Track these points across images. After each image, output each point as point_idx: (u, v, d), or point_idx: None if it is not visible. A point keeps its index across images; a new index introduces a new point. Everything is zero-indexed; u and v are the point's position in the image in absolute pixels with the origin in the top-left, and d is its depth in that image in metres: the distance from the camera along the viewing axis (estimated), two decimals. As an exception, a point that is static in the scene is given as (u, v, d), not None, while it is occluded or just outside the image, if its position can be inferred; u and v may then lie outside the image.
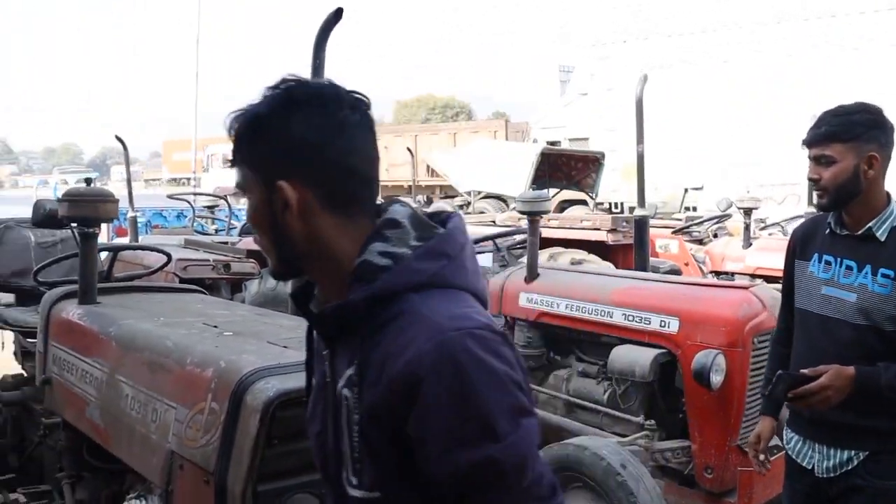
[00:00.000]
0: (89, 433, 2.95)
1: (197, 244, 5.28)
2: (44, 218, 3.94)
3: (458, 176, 16.20)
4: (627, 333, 4.78)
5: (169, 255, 4.06)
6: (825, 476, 2.83)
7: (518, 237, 6.08)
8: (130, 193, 9.48)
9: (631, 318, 4.72)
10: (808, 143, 2.80)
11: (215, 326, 2.69)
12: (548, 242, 7.80)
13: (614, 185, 20.40)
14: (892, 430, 2.74)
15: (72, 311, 3.14)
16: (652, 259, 6.76)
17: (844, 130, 2.71)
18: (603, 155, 13.48)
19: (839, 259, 2.80)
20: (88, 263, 3.17)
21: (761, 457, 3.08)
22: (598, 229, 7.79)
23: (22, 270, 4.79)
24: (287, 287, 5.60)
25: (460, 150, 20.08)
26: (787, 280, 3.04)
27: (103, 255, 3.98)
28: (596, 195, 14.17)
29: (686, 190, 15.39)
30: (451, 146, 27.20)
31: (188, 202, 10.92)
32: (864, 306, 2.71)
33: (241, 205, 29.85)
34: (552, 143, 23.82)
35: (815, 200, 2.86)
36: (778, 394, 2.74)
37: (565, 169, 14.02)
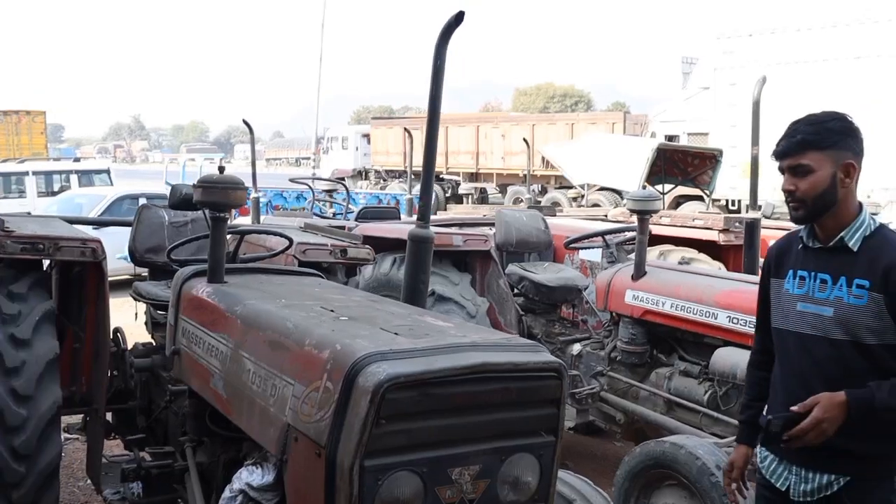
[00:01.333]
0: (213, 402, 3.18)
1: (315, 228, 5.51)
2: (179, 201, 4.21)
3: (572, 168, 16.20)
4: (731, 336, 4.81)
5: (291, 240, 4.28)
6: (801, 500, 2.72)
7: (628, 234, 6.14)
8: (254, 175, 9.88)
9: (735, 320, 4.75)
10: (782, 153, 2.70)
11: (332, 311, 2.88)
12: (658, 239, 7.81)
13: (733, 181, 19.96)
14: (879, 454, 2.62)
15: (201, 288, 3.38)
16: (763, 261, 6.71)
17: (820, 138, 2.62)
18: (721, 152, 13.26)
19: (813, 273, 2.70)
20: (218, 245, 3.40)
21: (733, 486, 2.97)
22: (710, 229, 7.74)
23: (156, 247, 5.12)
24: (400, 272, 5.81)
25: (576, 143, 20.00)
26: (763, 300, 2.94)
27: (229, 236, 4.23)
28: (712, 192, 13.95)
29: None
30: (568, 137, 27.11)
31: (308, 185, 11.28)
32: (841, 319, 2.61)
33: (358, 188, 30.35)
34: (671, 138, 23.47)
35: (790, 213, 2.74)
36: (773, 438, 2.64)
37: (682, 165, 13.85)
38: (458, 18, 3.41)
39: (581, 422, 5.76)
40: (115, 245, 7.32)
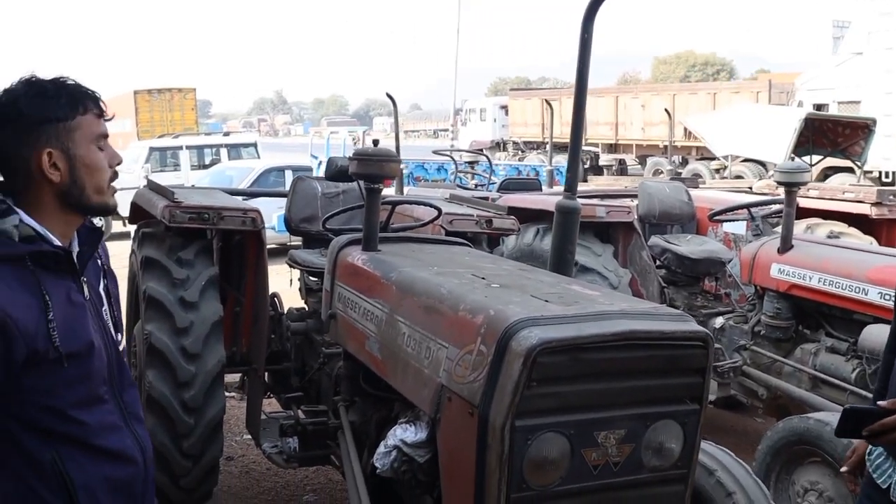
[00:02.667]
0: (367, 363, 3.35)
1: (461, 199, 5.65)
2: (336, 173, 4.42)
3: (715, 139, 15.82)
4: (882, 312, 4.68)
5: (440, 210, 4.42)
6: None
7: (774, 207, 6.03)
8: (398, 147, 10.08)
9: (888, 297, 4.62)
10: None
11: (483, 278, 2.99)
12: (806, 213, 7.62)
13: (886, 152, 19.08)
14: None
15: (357, 256, 3.55)
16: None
17: None
18: (874, 121, 12.67)
19: None
20: (373, 215, 3.56)
21: (845, 469, 2.86)
22: (862, 202, 7.48)
23: (310, 217, 5.37)
24: (543, 243, 5.90)
25: (719, 113, 19.51)
26: None
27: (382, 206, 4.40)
28: (864, 164, 13.38)
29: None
30: (710, 107, 26.45)
31: (451, 157, 11.45)
32: None
33: (499, 160, 30.53)
34: (819, 107, 22.57)
35: None
36: (848, 433, 2.44)
37: (831, 135, 13.32)
38: (605, -7, 3.45)
39: (722, 395, 5.73)
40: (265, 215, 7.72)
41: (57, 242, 2.07)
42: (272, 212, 10.31)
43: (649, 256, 6.06)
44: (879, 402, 2.46)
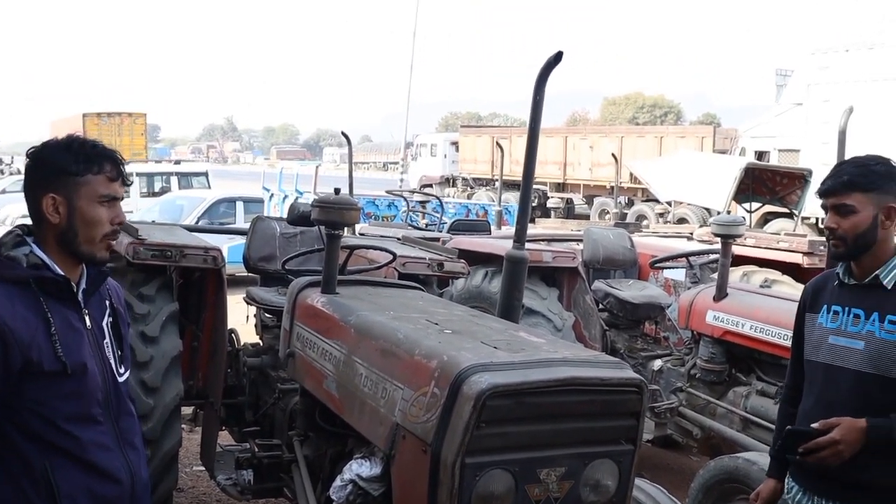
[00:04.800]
0: (324, 401, 3.52)
1: (413, 242, 5.87)
2: (297, 218, 4.60)
3: (659, 185, 16.30)
4: (810, 359, 4.97)
5: (394, 255, 4.63)
6: None
7: (712, 256, 6.34)
8: (351, 184, 10.31)
9: (813, 345, 4.92)
10: (827, 191, 2.81)
11: (437, 324, 3.20)
12: (743, 260, 7.97)
13: (824, 200, 19.70)
14: (893, 487, 2.69)
15: (316, 298, 3.74)
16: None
17: (866, 181, 2.73)
18: (810, 172, 13.19)
19: (847, 308, 2.80)
20: (332, 259, 3.75)
21: None
22: (795, 251, 7.87)
23: (268, 256, 5.54)
24: (491, 285, 6.13)
25: (663, 160, 20.08)
26: (797, 336, 3.06)
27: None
28: (800, 212, 13.91)
29: None
30: (657, 150, 27.12)
31: (404, 197, 11.71)
32: (872, 353, 2.71)
33: (449, 196, 30.67)
34: (761, 153, 23.26)
35: (829, 250, 2.89)
36: (787, 450, 2.75)
37: (770, 184, 13.83)
38: (557, 58, 3.68)
39: (659, 435, 5.98)
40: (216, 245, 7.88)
41: (59, 271, 2.37)
42: (223, 242, 10.42)
43: (592, 300, 6.31)
44: (813, 424, 2.74)
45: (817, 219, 21.10)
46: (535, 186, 30.80)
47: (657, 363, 6.19)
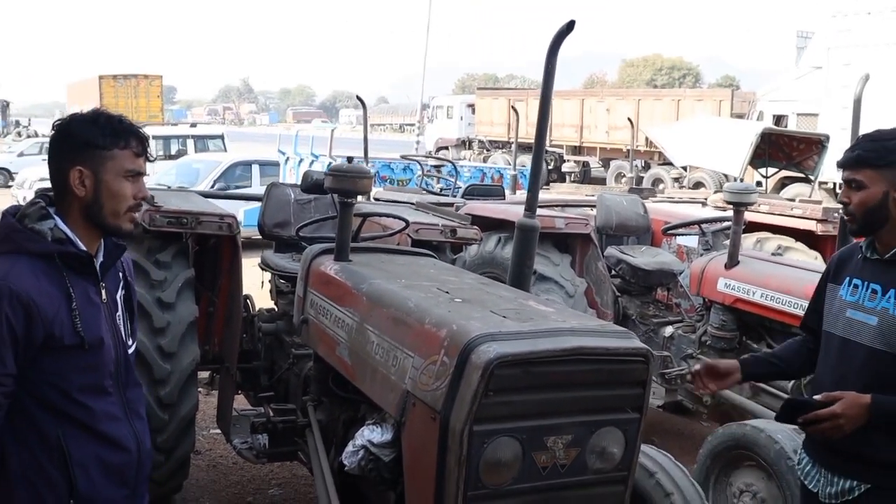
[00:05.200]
0: (337, 367, 3.58)
1: (426, 207, 5.90)
2: (311, 185, 4.64)
3: (675, 150, 16.20)
4: (819, 327, 5.00)
5: (407, 222, 4.67)
6: (828, 502, 2.83)
7: (724, 223, 6.34)
8: (366, 149, 10.33)
9: (823, 313, 4.95)
10: (841, 165, 2.80)
11: (447, 292, 3.24)
12: (757, 227, 7.97)
13: (842, 163, 19.55)
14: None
15: (329, 265, 3.79)
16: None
17: (877, 156, 2.70)
18: (827, 137, 13.09)
19: (866, 283, 2.79)
20: (345, 227, 3.80)
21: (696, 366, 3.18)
22: (809, 218, 7.85)
23: (282, 222, 5.59)
24: (504, 251, 6.16)
25: (679, 124, 19.96)
26: (815, 301, 3.07)
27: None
28: (816, 177, 13.82)
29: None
30: (674, 113, 26.93)
31: (419, 162, 11.74)
32: (884, 330, 2.69)
33: (462, 158, 30.64)
34: (779, 117, 23.07)
35: (846, 224, 2.87)
36: (786, 420, 2.78)
37: (786, 149, 13.73)
38: (570, 27, 3.68)
39: (670, 401, 6.03)
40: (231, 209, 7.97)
41: (82, 247, 2.43)
42: (239, 206, 10.48)
43: (605, 266, 6.34)
44: (816, 396, 2.76)
45: (835, 184, 20.96)
46: (551, 149, 30.84)
47: (668, 329, 6.23)
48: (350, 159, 3.88)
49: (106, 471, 2.46)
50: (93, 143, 2.40)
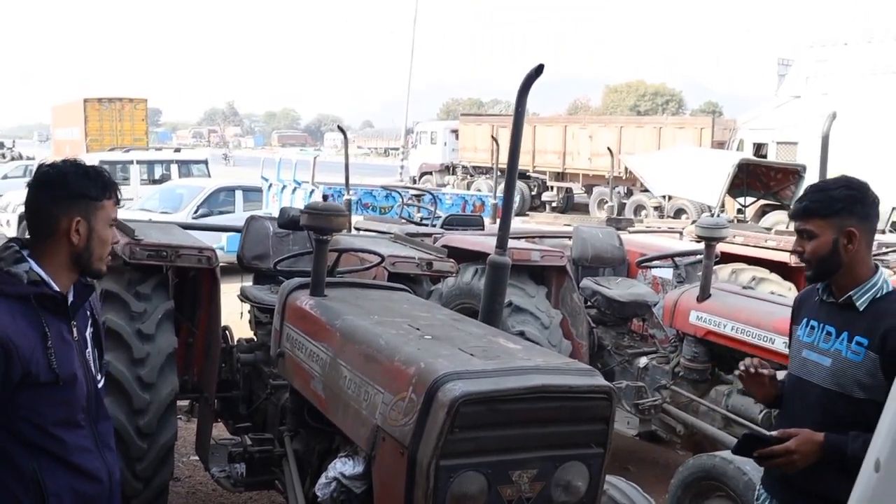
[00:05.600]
0: (311, 400, 3.67)
1: (404, 240, 6.00)
2: (287, 221, 4.74)
3: (653, 179, 16.39)
4: (786, 360, 5.11)
5: (383, 257, 4.76)
6: None
7: (697, 256, 6.46)
8: (347, 178, 10.46)
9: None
10: (791, 217, 2.96)
11: (418, 329, 3.33)
12: (732, 257, 8.11)
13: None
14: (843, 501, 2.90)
15: (305, 300, 3.88)
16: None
17: (823, 206, 2.82)
18: (804, 168, 13.30)
19: (821, 324, 2.90)
20: (320, 263, 3.89)
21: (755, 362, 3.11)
22: (782, 250, 7.99)
23: (261, 255, 5.68)
24: (480, 282, 6.25)
25: (657, 154, 20.20)
26: (790, 343, 3.18)
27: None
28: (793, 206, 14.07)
29: (894, 209, 14.88)
30: (656, 140, 27.19)
31: (399, 192, 11.89)
32: (837, 371, 2.81)
33: (446, 183, 30.74)
34: (759, 146, 23.37)
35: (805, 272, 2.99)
36: (744, 453, 2.91)
37: (764, 178, 13.95)
38: (538, 70, 3.81)
39: (644, 430, 6.13)
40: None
41: (57, 288, 2.57)
42: (223, 232, 10.55)
43: (580, 298, 6.45)
44: (773, 432, 2.88)
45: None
46: (534, 175, 30.97)
47: (643, 360, 6.33)
48: (325, 198, 3.98)
49: (79, 501, 2.58)
50: (88, 195, 2.58)
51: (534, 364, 2.92)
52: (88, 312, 2.76)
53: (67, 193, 2.56)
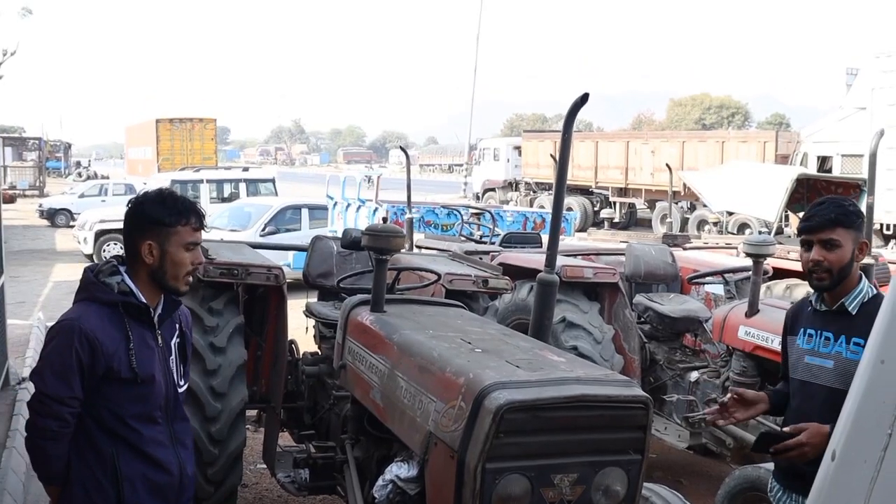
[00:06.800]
0: (371, 409, 3.92)
1: (461, 258, 6.25)
2: (350, 242, 5.03)
3: (711, 195, 16.40)
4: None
5: (439, 275, 5.02)
6: None
7: (746, 273, 6.59)
8: (409, 197, 10.75)
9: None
10: (815, 227, 3.16)
11: (469, 343, 3.57)
12: (786, 273, 8.19)
13: (889, 205, 19.59)
14: None
15: (365, 316, 4.15)
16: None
17: (847, 218, 3.12)
18: (865, 181, 13.23)
19: (819, 331, 3.21)
20: (380, 281, 4.16)
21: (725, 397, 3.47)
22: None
23: (325, 273, 5.99)
24: (529, 298, 6.46)
25: (716, 170, 20.13)
26: (783, 356, 3.46)
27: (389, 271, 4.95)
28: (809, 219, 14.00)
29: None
30: (718, 155, 27.06)
31: (460, 210, 12.17)
32: (840, 371, 3.14)
33: (509, 199, 30.95)
34: (824, 159, 23.13)
35: (811, 283, 3.23)
36: (761, 449, 3.15)
37: (824, 192, 13.89)
38: (584, 99, 4.03)
39: (695, 443, 6.27)
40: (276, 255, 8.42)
41: (143, 300, 2.93)
42: (290, 251, 10.94)
43: (632, 314, 6.61)
44: (786, 428, 3.12)
45: (881, 224, 20.94)
46: (597, 191, 31.02)
47: (694, 374, 6.48)
48: (384, 220, 4.25)
49: (150, 488, 2.93)
50: (161, 221, 2.91)
51: (575, 375, 3.14)
52: (177, 325, 3.11)
53: (143, 220, 2.92)
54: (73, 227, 24.53)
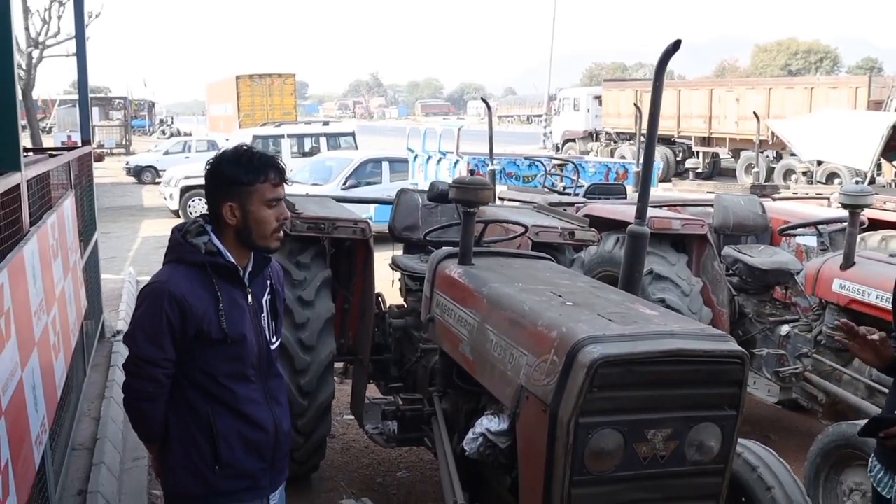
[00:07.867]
0: (460, 362, 3.94)
1: (547, 209, 6.19)
2: (436, 195, 5.01)
3: (801, 144, 15.90)
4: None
5: (527, 227, 4.98)
6: None
7: (841, 224, 6.39)
8: (491, 149, 10.70)
9: (939, 315, 4.99)
10: None
11: (560, 296, 3.54)
12: (882, 224, 7.92)
13: None
14: None
15: (453, 269, 4.14)
16: None
17: None
18: (969, 127, 12.70)
19: None
20: (468, 234, 4.15)
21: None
22: (938, 216, 7.75)
23: (411, 226, 5.99)
24: (622, 251, 6.37)
25: (805, 118, 19.47)
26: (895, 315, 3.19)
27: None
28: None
29: None
30: (807, 101, 26.20)
31: (542, 161, 12.02)
32: None
33: (589, 149, 30.59)
34: (920, 105, 22.24)
35: None
36: (870, 434, 3.01)
37: (922, 139, 13.41)
38: (676, 46, 3.92)
39: (785, 398, 6.15)
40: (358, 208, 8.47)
41: (231, 259, 2.91)
42: (372, 203, 10.96)
43: (721, 266, 6.48)
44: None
45: None
46: (680, 140, 30.39)
47: (785, 328, 6.34)
48: (472, 172, 4.22)
49: (245, 445, 2.94)
50: (238, 181, 2.86)
51: (669, 329, 3.08)
52: (268, 282, 3.08)
53: (222, 182, 2.88)
54: (158, 183, 25.10)
